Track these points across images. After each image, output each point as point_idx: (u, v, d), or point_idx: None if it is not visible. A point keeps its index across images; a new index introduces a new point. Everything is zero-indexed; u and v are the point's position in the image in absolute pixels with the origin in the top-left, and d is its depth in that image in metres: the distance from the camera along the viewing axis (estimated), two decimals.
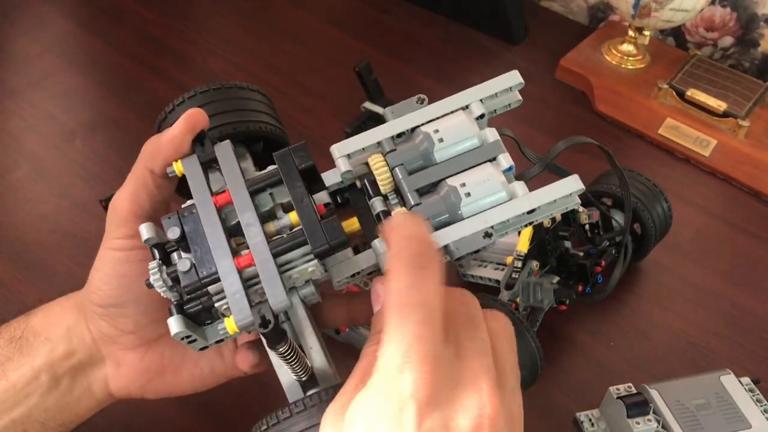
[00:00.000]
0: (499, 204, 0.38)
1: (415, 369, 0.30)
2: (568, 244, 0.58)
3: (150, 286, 0.38)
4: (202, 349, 0.40)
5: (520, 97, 0.42)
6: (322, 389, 0.37)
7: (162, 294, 0.38)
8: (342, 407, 0.32)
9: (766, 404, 0.52)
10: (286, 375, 0.39)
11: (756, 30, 0.87)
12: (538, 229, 0.56)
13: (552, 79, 0.88)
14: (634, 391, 0.52)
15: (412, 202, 0.39)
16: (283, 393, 0.44)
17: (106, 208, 0.45)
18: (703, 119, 0.79)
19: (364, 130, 0.44)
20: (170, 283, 0.38)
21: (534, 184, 0.40)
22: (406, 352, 0.31)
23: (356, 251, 0.40)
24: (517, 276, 0.56)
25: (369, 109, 0.77)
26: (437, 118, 0.41)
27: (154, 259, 0.39)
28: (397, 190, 0.40)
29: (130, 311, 0.43)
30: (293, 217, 0.39)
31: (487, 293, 0.55)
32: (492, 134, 0.40)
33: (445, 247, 0.38)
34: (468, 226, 0.38)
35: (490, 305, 0.52)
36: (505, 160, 0.39)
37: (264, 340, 0.36)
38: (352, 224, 0.41)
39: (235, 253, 0.38)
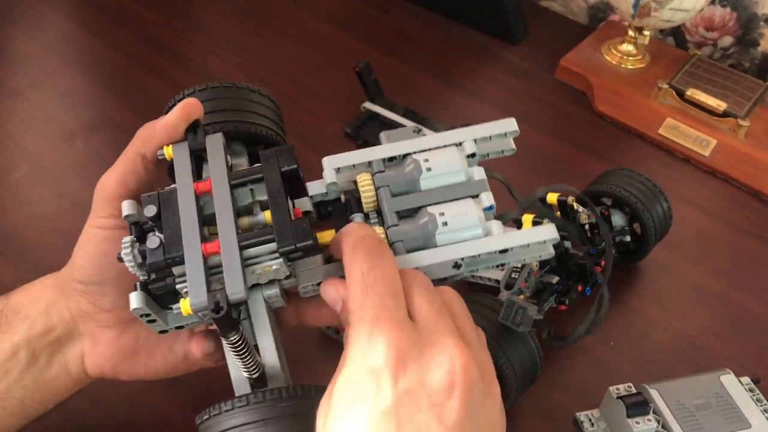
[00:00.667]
0: (474, 239, 0.39)
1: (383, 334, 0.33)
2: (567, 244, 0.58)
3: (120, 260, 0.39)
4: (162, 332, 0.42)
5: (513, 146, 0.44)
6: (268, 389, 0.37)
7: (130, 270, 0.39)
8: (328, 390, 0.34)
9: (765, 404, 0.52)
10: (236, 370, 0.40)
11: (756, 30, 0.87)
12: None
13: (552, 79, 0.88)
14: (634, 391, 0.52)
15: (390, 223, 0.40)
16: None
17: None
18: (703, 119, 0.79)
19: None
20: (140, 260, 0.39)
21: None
22: (372, 321, 0.34)
23: (328, 262, 0.41)
24: (516, 276, 0.56)
25: (369, 109, 0.77)
26: (430, 150, 0.42)
27: (131, 235, 0.40)
28: (379, 211, 0.41)
29: (109, 290, 0.44)
30: (268, 215, 0.40)
31: (487, 293, 0.55)
32: (479, 173, 0.41)
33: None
34: (439, 253, 0.39)
35: (489, 305, 0.52)
36: (487, 198, 0.40)
37: (217, 327, 0.37)
38: (329, 236, 0.41)
39: (204, 239, 0.38)
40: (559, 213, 0.58)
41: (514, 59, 0.90)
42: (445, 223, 0.39)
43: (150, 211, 0.39)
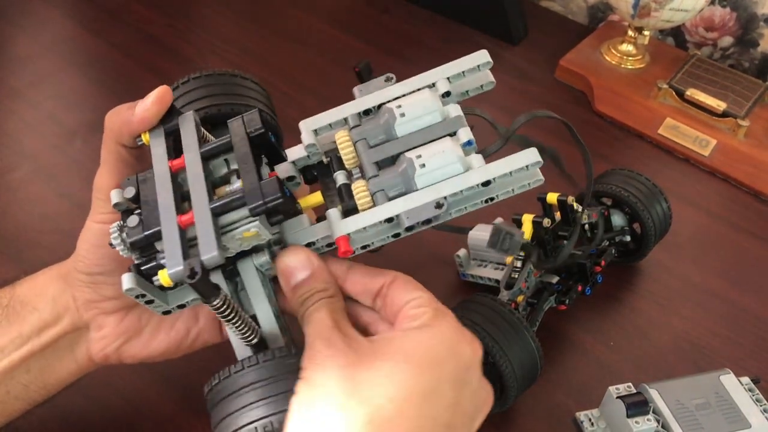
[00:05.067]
0: (454, 176, 0.38)
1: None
2: None
3: (112, 245, 0.39)
4: (165, 313, 0.42)
5: (492, 78, 0.43)
6: (273, 348, 0.38)
7: (122, 254, 0.39)
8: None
9: (765, 404, 0.52)
10: (235, 338, 0.40)
11: (755, 30, 0.87)
12: (538, 229, 0.56)
13: (552, 79, 0.88)
14: (634, 391, 0.52)
15: (370, 174, 0.39)
16: None
17: None
18: (702, 119, 0.79)
19: None
20: (129, 243, 0.39)
21: None
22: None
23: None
24: (516, 276, 0.56)
25: None
26: (403, 96, 0.42)
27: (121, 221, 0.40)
28: (361, 166, 0.41)
29: (112, 279, 0.44)
30: None
31: (487, 293, 0.55)
32: (455, 110, 0.41)
33: (397, 217, 0.38)
34: (420, 196, 0.38)
35: (489, 305, 0.52)
36: (465, 134, 0.39)
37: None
38: (315, 198, 0.42)
39: (182, 213, 0.38)
40: (559, 213, 0.58)
41: (513, 59, 0.90)
42: (423, 165, 0.38)
43: (129, 192, 0.40)
